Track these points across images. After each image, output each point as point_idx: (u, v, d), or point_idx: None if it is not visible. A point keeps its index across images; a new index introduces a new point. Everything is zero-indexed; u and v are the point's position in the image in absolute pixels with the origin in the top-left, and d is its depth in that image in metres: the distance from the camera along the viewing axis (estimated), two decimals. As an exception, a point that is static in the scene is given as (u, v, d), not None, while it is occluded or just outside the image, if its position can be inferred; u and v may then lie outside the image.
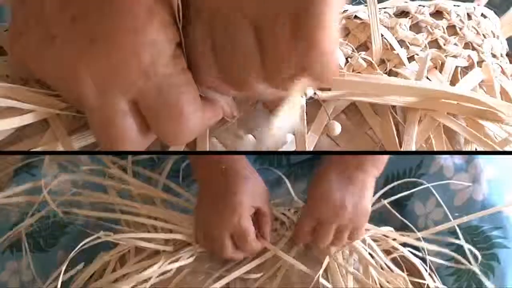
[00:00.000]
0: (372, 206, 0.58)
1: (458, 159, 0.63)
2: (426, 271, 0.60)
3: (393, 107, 0.52)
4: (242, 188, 0.56)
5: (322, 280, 0.56)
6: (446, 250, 0.61)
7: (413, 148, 0.51)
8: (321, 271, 0.56)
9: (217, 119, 0.50)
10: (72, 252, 0.56)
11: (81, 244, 0.56)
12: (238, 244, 0.57)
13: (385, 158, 0.58)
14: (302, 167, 0.73)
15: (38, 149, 0.49)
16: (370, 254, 0.60)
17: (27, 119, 0.48)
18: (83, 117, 0.48)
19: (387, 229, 0.62)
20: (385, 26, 0.55)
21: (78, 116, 0.49)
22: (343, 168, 0.56)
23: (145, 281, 0.56)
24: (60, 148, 0.49)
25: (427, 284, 0.60)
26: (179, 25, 0.43)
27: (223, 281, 0.56)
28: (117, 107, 0.44)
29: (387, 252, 0.61)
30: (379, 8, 0.56)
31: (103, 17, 0.41)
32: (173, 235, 0.59)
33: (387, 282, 0.58)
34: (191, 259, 0.58)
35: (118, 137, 0.45)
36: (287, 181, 0.68)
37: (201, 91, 0.46)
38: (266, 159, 0.71)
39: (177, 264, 0.58)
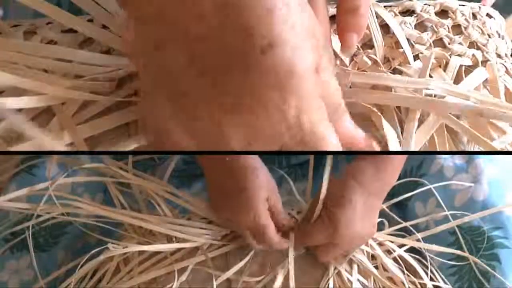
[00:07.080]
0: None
1: (458, 160, 0.64)
2: (427, 272, 0.60)
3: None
4: (251, 182, 0.54)
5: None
6: (447, 250, 0.62)
7: (412, 147, 0.51)
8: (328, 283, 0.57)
9: None
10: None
11: (89, 254, 0.56)
12: (258, 241, 0.56)
13: (395, 179, 0.57)
14: (302, 168, 0.73)
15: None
16: (372, 254, 0.60)
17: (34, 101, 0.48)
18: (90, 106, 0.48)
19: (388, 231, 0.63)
20: (390, 25, 0.55)
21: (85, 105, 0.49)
22: (366, 196, 0.55)
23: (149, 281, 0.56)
24: (66, 137, 0.48)
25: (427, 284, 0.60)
26: None
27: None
28: None
29: (388, 252, 0.62)
30: (385, 6, 0.57)
31: (238, 72, 0.38)
32: (181, 245, 0.58)
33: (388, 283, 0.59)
34: (197, 259, 0.58)
35: None
36: (290, 180, 0.68)
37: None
38: (266, 159, 0.71)
39: (179, 265, 0.57)
